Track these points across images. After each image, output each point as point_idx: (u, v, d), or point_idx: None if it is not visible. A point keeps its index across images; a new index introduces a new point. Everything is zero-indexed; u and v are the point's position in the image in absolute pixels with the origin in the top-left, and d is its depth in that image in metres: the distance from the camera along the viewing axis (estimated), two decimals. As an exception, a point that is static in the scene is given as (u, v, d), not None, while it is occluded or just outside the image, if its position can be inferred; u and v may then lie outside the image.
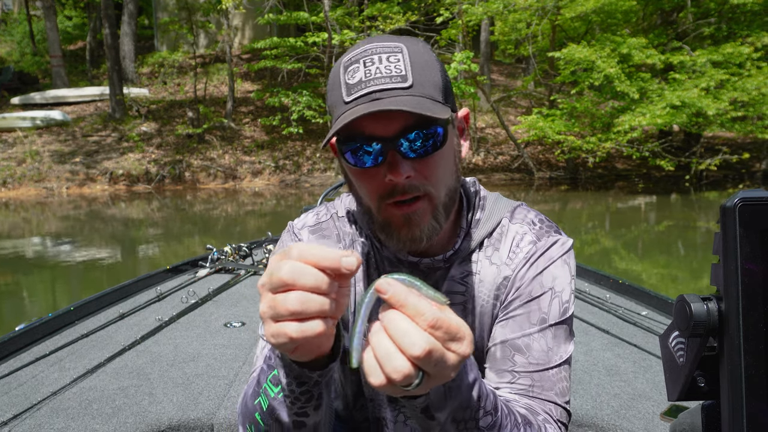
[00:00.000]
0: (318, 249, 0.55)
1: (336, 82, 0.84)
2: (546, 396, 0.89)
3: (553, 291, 0.93)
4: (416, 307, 0.52)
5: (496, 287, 0.95)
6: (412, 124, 0.79)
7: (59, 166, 14.66)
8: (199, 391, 2.12)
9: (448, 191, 0.86)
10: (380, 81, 0.79)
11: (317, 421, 0.75)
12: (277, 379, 0.72)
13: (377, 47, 0.82)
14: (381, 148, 0.80)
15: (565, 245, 0.96)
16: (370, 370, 0.53)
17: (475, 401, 0.67)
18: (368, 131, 0.80)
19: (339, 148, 0.84)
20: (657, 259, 7.77)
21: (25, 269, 7.55)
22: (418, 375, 0.53)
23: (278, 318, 0.55)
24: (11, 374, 2.26)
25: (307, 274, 0.54)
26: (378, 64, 0.80)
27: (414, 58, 0.81)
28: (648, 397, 2.08)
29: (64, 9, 24.47)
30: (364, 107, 0.77)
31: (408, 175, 0.80)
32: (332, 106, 0.86)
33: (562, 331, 0.92)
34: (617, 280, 3.44)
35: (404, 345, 0.51)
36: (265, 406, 0.75)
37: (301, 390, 0.70)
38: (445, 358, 0.53)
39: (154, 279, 3.66)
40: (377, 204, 0.85)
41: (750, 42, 12.96)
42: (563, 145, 13.73)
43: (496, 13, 14.19)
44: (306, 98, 15.17)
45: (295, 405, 0.71)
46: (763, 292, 0.49)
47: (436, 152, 0.82)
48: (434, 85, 0.82)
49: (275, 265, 0.56)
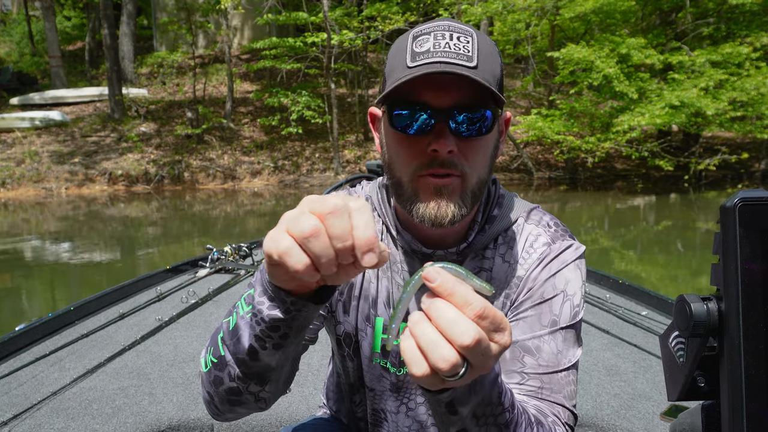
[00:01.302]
0: (369, 219, 0.55)
1: (401, 48, 0.85)
2: (555, 398, 0.89)
3: (565, 294, 0.93)
4: (465, 296, 0.52)
5: (508, 286, 0.96)
6: (467, 103, 0.81)
7: (58, 166, 14.65)
8: (199, 391, 2.12)
9: (479, 180, 0.87)
10: (448, 54, 0.80)
11: (270, 363, 0.72)
12: (251, 297, 0.69)
13: (450, 25, 0.83)
14: (432, 118, 0.81)
15: (578, 250, 0.97)
16: (412, 360, 0.52)
17: (496, 397, 0.67)
18: (423, 99, 0.81)
19: (389, 112, 0.85)
20: (657, 259, 7.77)
21: (24, 269, 7.54)
22: (464, 364, 0.52)
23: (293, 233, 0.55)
24: (11, 374, 2.26)
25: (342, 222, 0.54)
26: (448, 40, 0.81)
27: (482, 46, 0.83)
28: (648, 397, 2.08)
29: (62, 9, 24.45)
30: (428, 69, 0.78)
31: (451, 150, 0.81)
32: (391, 70, 0.86)
33: (571, 334, 0.92)
34: (617, 280, 3.45)
35: (453, 334, 0.51)
36: (231, 325, 0.72)
37: (270, 316, 0.66)
38: (490, 348, 0.53)
39: (154, 279, 3.66)
40: (412, 173, 0.85)
41: (749, 42, 12.97)
42: (562, 145, 13.73)
43: (495, 14, 14.20)
44: (305, 98, 15.16)
45: (258, 327, 0.68)
46: (763, 292, 0.49)
47: (480, 137, 0.84)
48: (494, 76, 0.83)
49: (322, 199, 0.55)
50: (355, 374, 1.04)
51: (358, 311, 1.00)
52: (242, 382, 0.73)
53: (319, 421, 1.18)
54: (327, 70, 15.45)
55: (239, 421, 1.93)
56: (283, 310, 0.65)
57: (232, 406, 0.78)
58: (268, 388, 0.76)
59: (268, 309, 0.66)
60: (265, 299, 0.66)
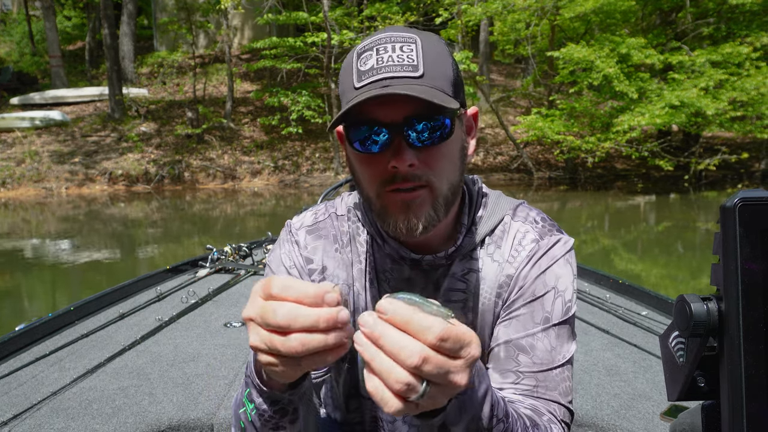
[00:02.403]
0: (298, 286, 0.57)
1: (348, 68, 0.84)
2: (550, 396, 0.89)
3: (557, 290, 0.93)
4: (421, 322, 0.52)
5: (499, 285, 0.95)
6: (420, 113, 0.80)
7: (58, 166, 14.65)
8: (199, 391, 2.12)
9: (450, 185, 0.86)
10: (391, 68, 0.79)
11: (298, 430, 0.77)
12: (251, 396, 0.74)
13: (391, 36, 0.82)
14: (388, 134, 0.80)
15: (567, 244, 0.96)
16: (375, 393, 0.53)
17: (488, 411, 0.67)
18: (376, 117, 0.80)
19: (346, 133, 0.84)
20: (657, 259, 7.77)
21: (25, 269, 7.54)
22: (422, 383, 0.52)
23: (277, 352, 0.57)
24: (11, 374, 2.26)
25: (303, 316, 0.55)
26: (391, 53, 0.80)
27: (427, 50, 0.82)
28: (648, 397, 2.08)
29: (63, 9, 24.45)
30: (372, 92, 0.77)
31: (411, 163, 0.80)
32: (342, 92, 0.86)
33: (565, 330, 0.92)
34: (617, 280, 3.44)
35: (400, 357, 0.51)
36: (249, 418, 0.77)
37: (274, 409, 0.73)
38: (448, 364, 0.53)
39: (154, 279, 3.66)
40: (377, 190, 0.85)
41: (749, 42, 12.96)
42: (562, 145, 13.73)
43: (495, 14, 14.20)
44: (305, 98, 15.16)
45: (270, 422, 0.74)
46: (763, 292, 0.49)
47: (441, 143, 0.82)
48: (445, 78, 0.82)
49: (267, 307, 0.56)
50: (350, 384, 1.05)
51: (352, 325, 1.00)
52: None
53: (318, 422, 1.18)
54: (327, 69, 15.45)
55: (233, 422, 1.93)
56: (286, 401, 0.73)
57: None
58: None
59: (270, 407, 0.73)
60: (263, 401, 0.73)
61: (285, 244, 1.03)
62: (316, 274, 1.00)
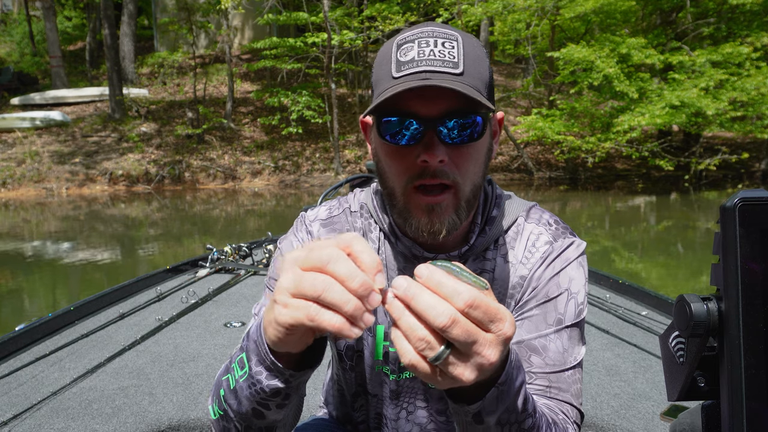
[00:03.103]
0: (364, 243, 0.55)
1: (386, 57, 0.84)
2: (563, 397, 0.88)
3: (570, 292, 0.93)
4: (454, 287, 0.52)
5: (511, 286, 0.95)
6: (456, 110, 0.80)
7: (59, 166, 14.66)
8: (199, 391, 2.12)
9: (473, 187, 0.86)
10: (433, 62, 0.79)
11: (277, 418, 0.74)
12: (243, 362, 0.69)
13: (434, 31, 0.82)
14: (421, 127, 0.80)
15: (580, 247, 0.97)
16: (400, 348, 0.53)
17: (521, 404, 0.67)
18: (411, 109, 0.80)
19: (376, 122, 0.84)
20: (657, 259, 7.77)
21: (25, 269, 7.54)
22: (445, 345, 0.52)
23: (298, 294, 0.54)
24: (11, 374, 2.26)
25: (342, 261, 0.53)
26: (432, 47, 0.80)
27: (467, 49, 0.82)
28: (648, 397, 2.08)
29: (63, 9, 24.46)
30: (413, 83, 0.77)
31: (442, 159, 0.80)
32: (377, 80, 0.85)
33: (576, 332, 0.92)
34: (617, 280, 3.44)
35: (429, 316, 0.51)
36: (232, 386, 0.72)
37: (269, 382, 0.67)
38: (478, 334, 0.52)
39: (154, 279, 3.66)
40: (403, 185, 0.84)
41: (749, 42, 12.97)
42: (563, 145, 13.73)
43: (496, 14, 14.20)
44: (305, 98, 15.17)
45: (258, 396, 0.69)
46: (763, 292, 0.49)
47: (472, 143, 0.82)
48: (482, 80, 0.82)
49: (317, 245, 0.55)
50: (357, 383, 1.04)
51: None
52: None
53: (318, 422, 1.18)
54: (327, 70, 15.45)
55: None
56: (283, 380, 0.67)
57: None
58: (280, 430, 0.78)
59: (266, 379, 0.67)
60: (263, 369, 0.67)
61: (299, 232, 1.03)
62: None
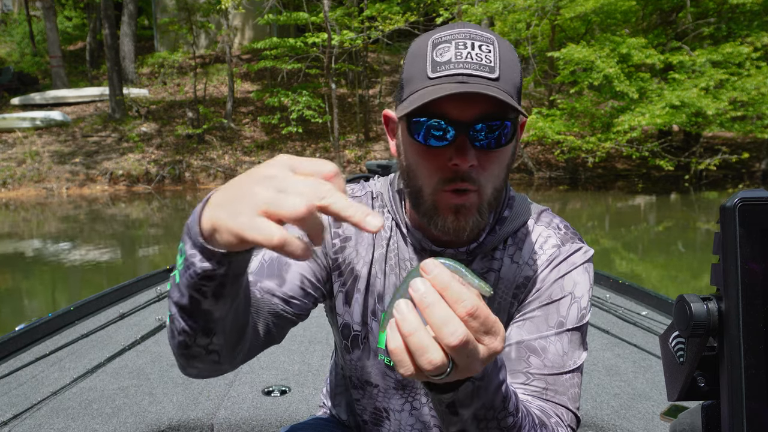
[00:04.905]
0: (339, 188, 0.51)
1: (421, 55, 0.83)
2: (559, 400, 0.89)
3: (573, 296, 0.93)
4: (459, 293, 0.51)
5: (516, 286, 0.96)
6: (489, 115, 0.80)
7: (59, 166, 14.66)
8: (199, 391, 2.12)
9: (495, 190, 0.87)
10: (469, 65, 0.79)
11: (214, 312, 0.68)
12: (182, 249, 0.65)
13: (470, 33, 0.82)
14: (453, 130, 0.81)
15: (587, 254, 0.97)
16: (399, 361, 0.52)
17: (500, 402, 0.67)
18: (446, 111, 0.80)
19: (407, 122, 0.84)
20: (657, 259, 7.77)
21: (25, 269, 7.55)
22: (449, 365, 0.52)
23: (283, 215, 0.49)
24: (11, 374, 2.26)
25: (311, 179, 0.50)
26: (470, 50, 0.80)
27: (503, 54, 0.82)
28: (648, 397, 2.08)
29: (63, 9, 24.47)
30: (452, 87, 0.77)
31: (472, 164, 0.81)
32: (410, 77, 0.85)
33: (577, 337, 0.92)
34: (617, 280, 3.44)
35: (443, 334, 0.50)
36: (177, 280, 0.68)
37: (203, 265, 0.62)
38: (477, 350, 0.52)
39: (154, 279, 3.66)
40: (434, 186, 0.85)
41: (749, 42, 12.95)
42: (563, 145, 13.73)
43: (496, 14, 14.19)
44: (305, 98, 15.17)
45: (192, 279, 0.64)
46: (763, 292, 0.49)
47: (500, 148, 0.83)
48: (514, 85, 0.83)
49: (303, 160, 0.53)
50: (355, 367, 1.04)
51: (365, 306, 1.00)
52: (190, 337, 0.72)
53: (319, 421, 1.18)
54: (327, 70, 15.45)
55: (239, 421, 1.93)
56: (215, 261, 0.62)
57: (187, 360, 0.76)
58: (215, 339, 0.73)
59: (200, 261, 0.62)
60: (196, 252, 0.62)
61: None
62: (339, 239, 1.00)
